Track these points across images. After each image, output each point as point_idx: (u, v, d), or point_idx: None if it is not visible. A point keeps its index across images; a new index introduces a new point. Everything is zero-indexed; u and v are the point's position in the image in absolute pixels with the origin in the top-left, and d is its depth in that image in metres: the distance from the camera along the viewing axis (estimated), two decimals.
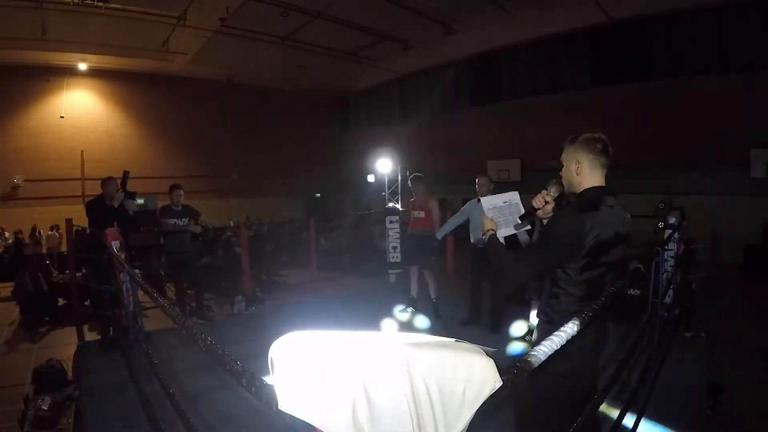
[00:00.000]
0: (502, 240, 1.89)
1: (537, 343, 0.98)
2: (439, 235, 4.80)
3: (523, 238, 3.46)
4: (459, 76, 14.09)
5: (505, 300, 4.59)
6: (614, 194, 1.75)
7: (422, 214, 4.94)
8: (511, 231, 1.99)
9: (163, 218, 5.06)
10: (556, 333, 1.05)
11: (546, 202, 1.87)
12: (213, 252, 8.18)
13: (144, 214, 7.72)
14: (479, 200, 4.25)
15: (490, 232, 1.84)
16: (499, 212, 1.98)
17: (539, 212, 1.90)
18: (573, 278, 1.68)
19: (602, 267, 1.69)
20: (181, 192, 5.13)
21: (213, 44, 11.68)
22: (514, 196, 2.06)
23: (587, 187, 1.73)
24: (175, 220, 5.00)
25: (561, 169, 1.84)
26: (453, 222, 4.74)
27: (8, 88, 12.12)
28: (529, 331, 4.16)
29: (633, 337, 3.56)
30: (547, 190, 1.90)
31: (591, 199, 1.70)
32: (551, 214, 1.89)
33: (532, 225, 2.31)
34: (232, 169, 15.59)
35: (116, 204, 4.29)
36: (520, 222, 2.01)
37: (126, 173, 4.43)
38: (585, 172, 1.73)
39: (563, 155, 1.80)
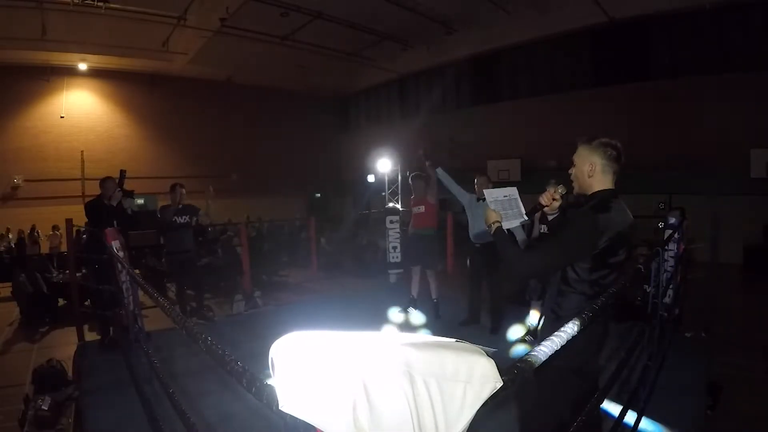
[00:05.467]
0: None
1: (542, 339, 0.99)
2: (440, 170, 4.55)
3: (521, 236, 3.45)
4: (459, 76, 14.09)
5: (504, 300, 4.58)
6: (618, 196, 1.78)
7: (422, 209, 4.91)
8: (513, 224, 2.01)
9: (163, 216, 5.09)
10: (556, 333, 1.05)
11: (554, 200, 1.90)
12: (213, 252, 8.19)
13: (144, 214, 7.72)
14: (479, 200, 4.25)
15: (496, 224, 1.85)
16: (500, 206, 1.99)
17: (546, 209, 1.92)
18: (583, 278, 1.72)
19: (609, 267, 1.73)
20: (183, 191, 5.19)
21: (213, 44, 11.67)
22: (513, 191, 2.08)
23: (598, 189, 1.77)
24: (176, 217, 5.03)
25: (562, 168, 1.86)
26: (454, 184, 4.53)
27: (8, 88, 12.13)
28: (529, 332, 4.16)
29: (633, 337, 3.57)
30: (554, 187, 1.91)
31: (604, 201, 1.73)
32: (557, 212, 1.93)
33: (532, 224, 2.31)
34: (232, 169, 15.58)
35: (114, 203, 4.29)
36: (525, 217, 2.03)
37: (123, 172, 4.44)
38: (597, 175, 1.76)
39: (577, 154, 1.82)
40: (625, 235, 1.75)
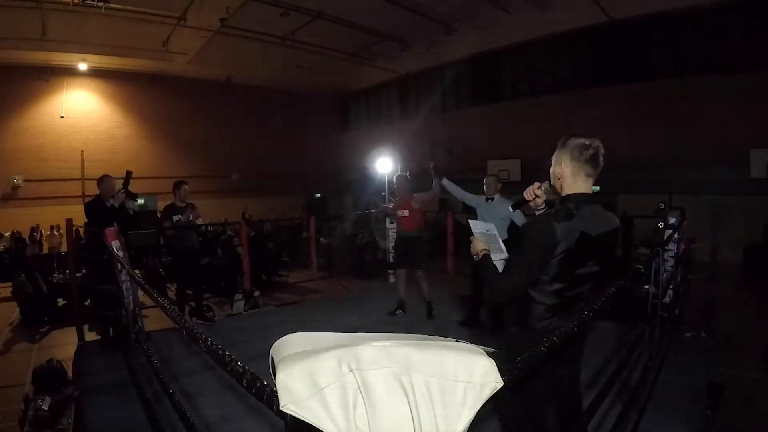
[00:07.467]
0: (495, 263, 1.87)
1: (509, 349, 0.93)
2: (445, 181, 4.57)
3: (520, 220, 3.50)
4: (459, 76, 14.10)
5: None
6: (598, 202, 1.64)
7: (406, 213, 4.92)
8: (499, 257, 2.00)
9: (166, 216, 5.09)
10: (542, 345, 1.01)
11: (536, 196, 1.79)
12: (213, 252, 8.19)
13: (144, 214, 7.73)
14: (487, 200, 4.30)
15: (484, 252, 1.78)
16: (484, 238, 1.98)
17: (530, 204, 1.85)
18: (543, 288, 1.60)
19: (575, 278, 1.61)
20: (187, 188, 5.19)
21: (213, 44, 11.69)
22: (491, 227, 2.08)
23: (569, 193, 1.63)
24: (179, 216, 5.05)
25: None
26: (460, 191, 4.56)
27: (8, 88, 12.14)
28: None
29: (633, 337, 3.57)
30: (540, 183, 1.82)
31: (568, 208, 1.59)
32: (544, 207, 1.82)
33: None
34: (232, 169, 15.60)
35: (117, 204, 4.29)
36: (507, 254, 2.03)
37: (129, 173, 4.39)
38: (567, 177, 1.63)
39: (554, 156, 1.70)
40: (596, 244, 1.59)
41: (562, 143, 1.65)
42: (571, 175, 1.62)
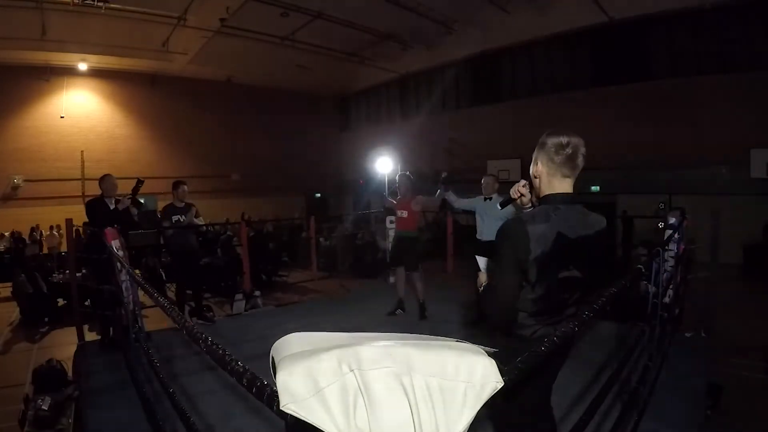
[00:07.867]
0: None
1: (501, 354, 0.89)
2: (450, 194, 4.69)
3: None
4: (459, 76, 14.10)
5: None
6: (579, 202, 1.58)
7: (405, 214, 4.93)
8: None
9: (165, 216, 5.08)
10: (541, 346, 1.00)
11: (522, 194, 1.74)
12: (213, 252, 8.19)
13: (143, 214, 7.71)
14: (485, 199, 4.34)
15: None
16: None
17: (517, 202, 1.81)
18: (525, 295, 1.54)
19: (557, 284, 1.52)
20: (186, 188, 5.16)
21: (213, 44, 11.68)
22: None
23: (547, 193, 1.56)
24: (178, 216, 5.03)
25: None
26: (460, 201, 4.67)
27: (8, 88, 12.13)
28: None
29: (633, 337, 3.57)
30: (525, 181, 1.76)
31: (544, 209, 1.52)
32: (529, 206, 1.76)
33: None
34: (232, 169, 15.60)
35: (121, 208, 4.29)
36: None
37: (140, 182, 4.39)
38: (543, 177, 1.56)
39: (534, 153, 1.63)
40: (577, 247, 1.50)
41: (540, 142, 1.58)
42: (547, 176, 1.55)
